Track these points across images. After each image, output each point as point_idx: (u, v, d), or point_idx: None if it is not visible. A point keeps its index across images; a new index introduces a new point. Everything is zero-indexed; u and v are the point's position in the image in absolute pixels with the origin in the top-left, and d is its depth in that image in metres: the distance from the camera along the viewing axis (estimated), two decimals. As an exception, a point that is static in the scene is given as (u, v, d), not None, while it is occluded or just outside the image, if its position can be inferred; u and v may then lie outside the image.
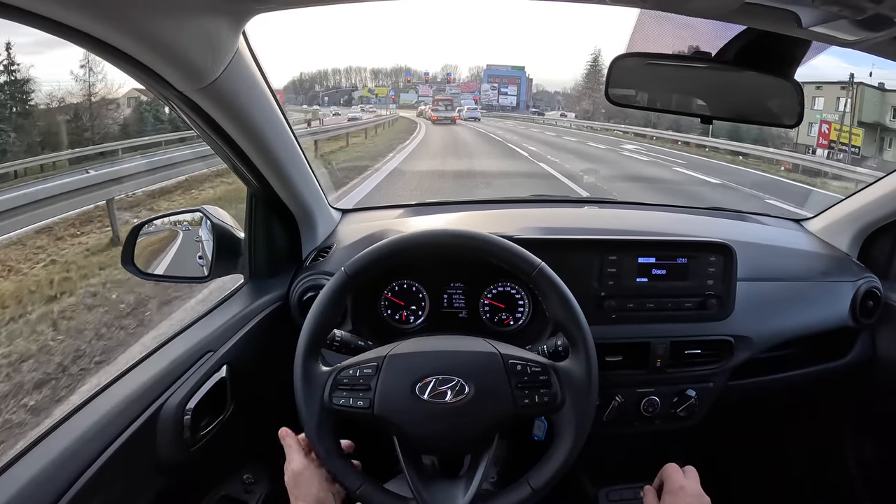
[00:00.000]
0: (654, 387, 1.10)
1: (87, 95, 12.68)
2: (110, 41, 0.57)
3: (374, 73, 42.94)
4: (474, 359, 0.75)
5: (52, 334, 3.12)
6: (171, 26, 0.58)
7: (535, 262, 0.78)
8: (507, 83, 38.27)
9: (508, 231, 1.05)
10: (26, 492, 0.63)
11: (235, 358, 0.94)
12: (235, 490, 1.02)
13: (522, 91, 38.35)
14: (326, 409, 0.74)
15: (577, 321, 0.76)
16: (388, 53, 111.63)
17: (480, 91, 38.11)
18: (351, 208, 1.36)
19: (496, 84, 38.15)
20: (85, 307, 3.49)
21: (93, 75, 12.68)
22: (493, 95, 37.87)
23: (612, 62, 0.76)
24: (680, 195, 7.84)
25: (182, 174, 7.39)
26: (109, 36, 0.56)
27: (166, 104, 0.75)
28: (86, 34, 0.55)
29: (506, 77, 38.53)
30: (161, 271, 1.15)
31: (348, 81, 41.60)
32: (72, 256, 4.49)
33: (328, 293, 0.77)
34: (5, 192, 5.12)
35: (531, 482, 0.74)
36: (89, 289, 3.77)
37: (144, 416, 0.77)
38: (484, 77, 39.13)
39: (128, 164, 6.95)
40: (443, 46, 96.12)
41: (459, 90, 38.45)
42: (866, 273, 1.24)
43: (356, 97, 38.66)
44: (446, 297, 1.13)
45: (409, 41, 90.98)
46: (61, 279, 3.93)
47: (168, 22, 0.57)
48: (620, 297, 1.07)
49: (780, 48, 0.75)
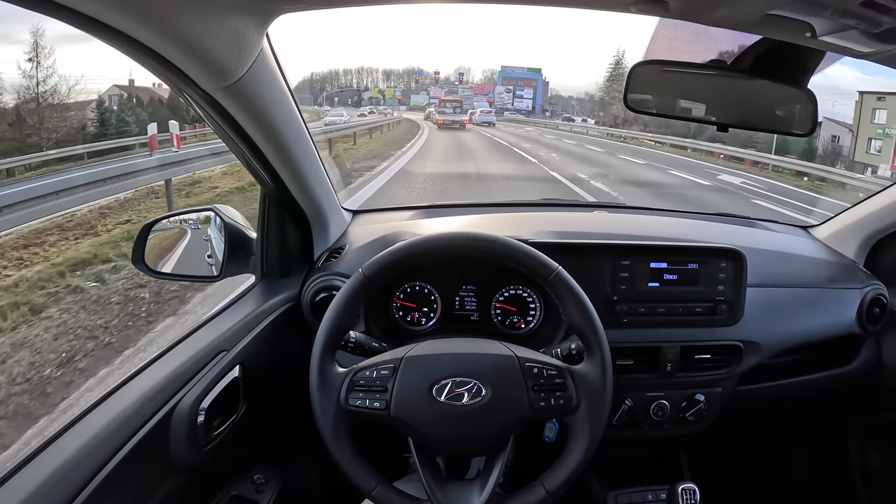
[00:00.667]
0: (663, 391, 1.11)
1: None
2: (138, 37, 0.57)
3: (386, 74, 41.53)
4: (491, 361, 0.76)
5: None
6: (198, 24, 0.58)
7: (552, 266, 0.78)
8: (522, 86, 36.43)
9: (523, 234, 1.06)
10: (42, 490, 0.62)
11: (248, 358, 0.94)
12: (247, 490, 1.02)
13: (538, 94, 36.42)
14: (343, 410, 0.74)
15: (593, 325, 0.77)
16: (401, 55, 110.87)
17: (494, 94, 36.17)
18: (362, 209, 1.36)
19: (511, 87, 36.33)
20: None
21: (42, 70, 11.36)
22: (507, 98, 35.98)
23: (631, 69, 0.78)
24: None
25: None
26: (138, 32, 0.57)
27: (188, 103, 0.75)
28: (114, 30, 0.55)
29: (521, 79, 36.69)
30: (172, 269, 1.15)
31: (360, 82, 40.48)
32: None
33: (346, 294, 0.78)
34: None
35: (545, 484, 0.75)
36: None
37: (158, 416, 0.77)
38: (498, 79, 37.19)
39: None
40: (455, 49, 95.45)
41: (472, 92, 36.29)
42: (873, 280, 1.24)
43: (366, 98, 37.49)
44: (458, 300, 1.13)
45: (421, 42, 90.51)
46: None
47: (196, 20, 0.58)
48: (632, 302, 1.07)
49: (795, 58, 0.75)
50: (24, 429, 2.32)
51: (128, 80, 15.26)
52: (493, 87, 37.07)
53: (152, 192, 6.54)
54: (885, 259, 1.29)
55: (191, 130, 10.72)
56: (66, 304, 3.51)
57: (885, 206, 1.23)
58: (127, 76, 14.91)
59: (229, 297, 1.09)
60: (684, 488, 1.06)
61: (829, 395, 1.30)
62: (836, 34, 0.59)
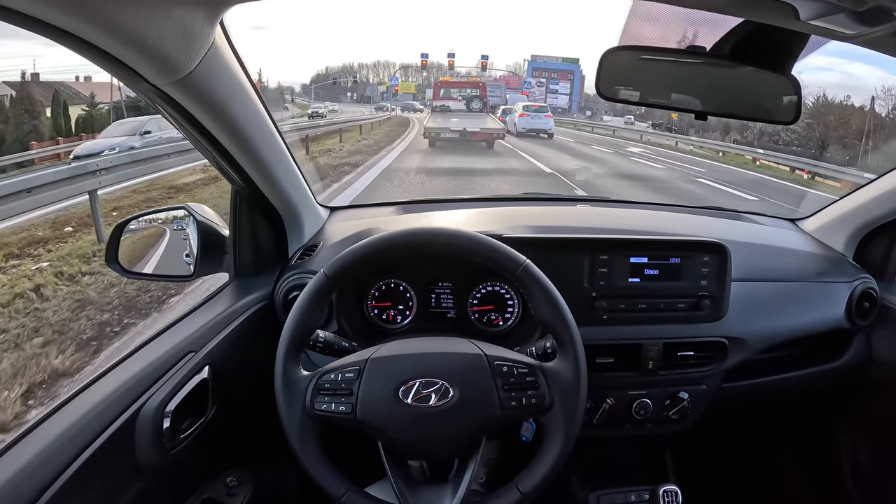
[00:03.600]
0: (646, 389, 1.09)
1: None
2: (78, 33, 0.55)
3: (404, 70, 38.11)
4: (459, 361, 0.73)
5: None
6: (141, 17, 0.56)
7: (519, 260, 0.76)
8: (557, 78, 29.63)
9: (497, 229, 1.03)
10: (2, 493, 0.61)
11: (218, 359, 0.92)
12: (218, 493, 1.00)
13: (576, 89, 29.61)
14: (308, 414, 0.72)
15: (564, 320, 0.74)
16: (411, 43, 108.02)
17: (526, 87, 28.77)
18: (339, 206, 1.34)
19: (543, 80, 29.38)
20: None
21: None
22: (539, 93, 28.48)
23: (602, 56, 0.74)
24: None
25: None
26: (77, 27, 0.54)
27: (142, 98, 0.72)
28: (53, 26, 0.53)
29: (556, 71, 29.89)
30: (146, 269, 1.13)
31: (377, 76, 39.09)
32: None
33: (307, 295, 0.76)
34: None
35: (520, 486, 0.73)
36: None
37: (123, 419, 0.75)
38: (528, 71, 30.38)
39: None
40: (474, 34, 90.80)
41: (503, 84, 26.41)
42: (862, 274, 1.22)
43: (379, 92, 33.12)
44: (434, 297, 1.11)
45: (433, 26, 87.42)
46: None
47: (137, 13, 0.55)
48: (612, 298, 1.05)
49: (777, 43, 0.73)
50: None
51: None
52: (520, 81, 30.00)
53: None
54: (874, 252, 1.26)
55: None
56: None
57: (874, 198, 1.20)
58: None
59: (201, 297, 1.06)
60: (666, 490, 1.04)
61: (818, 392, 1.28)
62: (820, 17, 0.57)
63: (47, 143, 8.87)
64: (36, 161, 8.31)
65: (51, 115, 12.76)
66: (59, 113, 12.93)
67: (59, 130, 8.27)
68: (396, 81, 33.01)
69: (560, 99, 29.22)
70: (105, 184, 5.49)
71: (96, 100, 15.71)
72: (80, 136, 9.01)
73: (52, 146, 8.81)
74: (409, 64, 37.73)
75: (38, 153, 8.60)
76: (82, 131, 8.31)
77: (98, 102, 16.92)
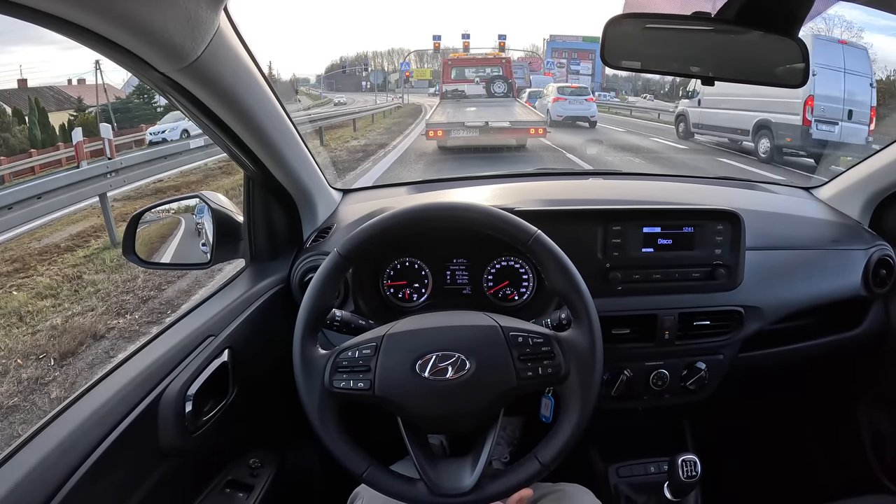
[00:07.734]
0: (662, 360, 1.08)
1: None
2: (83, 24, 0.55)
3: (418, 56, 37.21)
4: (474, 333, 0.74)
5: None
6: (144, 5, 0.56)
7: (530, 231, 0.76)
8: (578, 58, 27.36)
9: (509, 203, 1.03)
10: (30, 478, 0.63)
11: (237, 342, 0.94)
12: (242, 474, 1.02)
13: (598, 70, 27.17)
14: (327, 392, 0.73)
15: (577, 289, 0.74)
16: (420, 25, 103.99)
17: (547, 67, 26.76)
18: (352, 188, 1.35)
19: (563, 61, 27.23)
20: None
21: None
22: (559, 74, 26.21)
23: (606, 25, 0.73)
24: None
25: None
26: (82, 18, 0.55)
27: (151, 87, 0.74)
28: (59, 18, 0.53)
29: (575, 50, 27.57)
30: (164, 259, 1.15)
31: (391, 64, 38.04)
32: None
33: (322, 275, 0.76)
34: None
35: (539, 457, 0.73)
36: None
37: (145, 403, 0.77)
38: (547, 51, 28.25)
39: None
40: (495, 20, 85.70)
41: (525, 64, 24.89)
42: (878, 241, 1.20)
43: (383, 79, 31.71)
44: (449, 274, 1.11)
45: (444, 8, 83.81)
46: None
47: (141, 1, 0.56)
48: (626, 269, 1.05)
49: (783, 5, 0.72)
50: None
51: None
52: (541, 61, 27.87)
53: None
54: (890, 218, 1.24)
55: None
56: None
57: (889, 164, 1.18)
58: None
59: (220, 283, 1.08)
60: (685, 460, 1.04)
61: (836, 361, 1.27)
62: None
63: (18, 157, 8.27)
64: (6, 178, 7.97)
65: (27, 125, 12.62)
66: (35, 122, 12.73)
67: (35, 142, 7.69)
68: (407, 66, 29.98)
69: (582, 80, 25.30)
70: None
71: (84, 102, 15.76)
72: (56, 146, 8.43)
73: (23, 160, 8.27)
74: (423, 50, 35.72)
75: (9, 167, 8.12)
76: (69, 139, 7.80)
77: (87, 105, 17.00)
